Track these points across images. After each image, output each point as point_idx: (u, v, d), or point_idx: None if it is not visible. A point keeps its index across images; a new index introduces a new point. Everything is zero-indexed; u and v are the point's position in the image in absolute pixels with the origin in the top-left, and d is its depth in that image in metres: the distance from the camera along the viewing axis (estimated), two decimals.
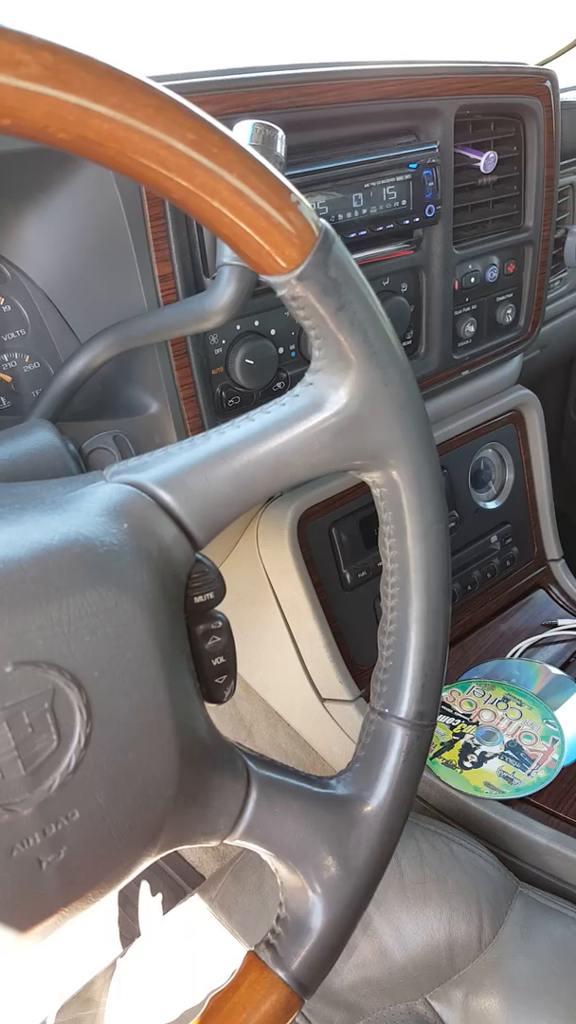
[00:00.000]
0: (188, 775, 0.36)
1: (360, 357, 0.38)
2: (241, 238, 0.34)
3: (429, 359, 0.89)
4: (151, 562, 0.35)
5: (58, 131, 0.28)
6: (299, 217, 0.34)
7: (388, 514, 0.42)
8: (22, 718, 0.30)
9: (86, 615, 0.32)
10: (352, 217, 0.72)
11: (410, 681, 0.43)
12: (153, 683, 0.34)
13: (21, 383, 0.65)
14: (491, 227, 0.92)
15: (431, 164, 0.77)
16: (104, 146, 0.29)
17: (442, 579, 0.43)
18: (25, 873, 0.31)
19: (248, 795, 0.40)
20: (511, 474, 1.10)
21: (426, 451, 0.41)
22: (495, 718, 0.89)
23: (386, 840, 0.43)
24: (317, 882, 0.41)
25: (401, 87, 0.74)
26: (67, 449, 0.49)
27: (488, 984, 0.64)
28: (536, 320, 1.01)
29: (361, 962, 0.66)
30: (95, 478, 0.38)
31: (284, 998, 0.40)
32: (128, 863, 0.35)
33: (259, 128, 0.50)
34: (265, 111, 0.64)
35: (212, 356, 0.68)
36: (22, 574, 0.31)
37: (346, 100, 0.70)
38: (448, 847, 0.71)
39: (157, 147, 0.30)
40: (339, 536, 0.90)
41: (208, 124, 0.31)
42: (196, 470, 0.38)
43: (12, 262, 0.63)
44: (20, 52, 0.26)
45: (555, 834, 0.76)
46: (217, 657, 0.40)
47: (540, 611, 1.09)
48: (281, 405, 0.39)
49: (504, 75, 0.83)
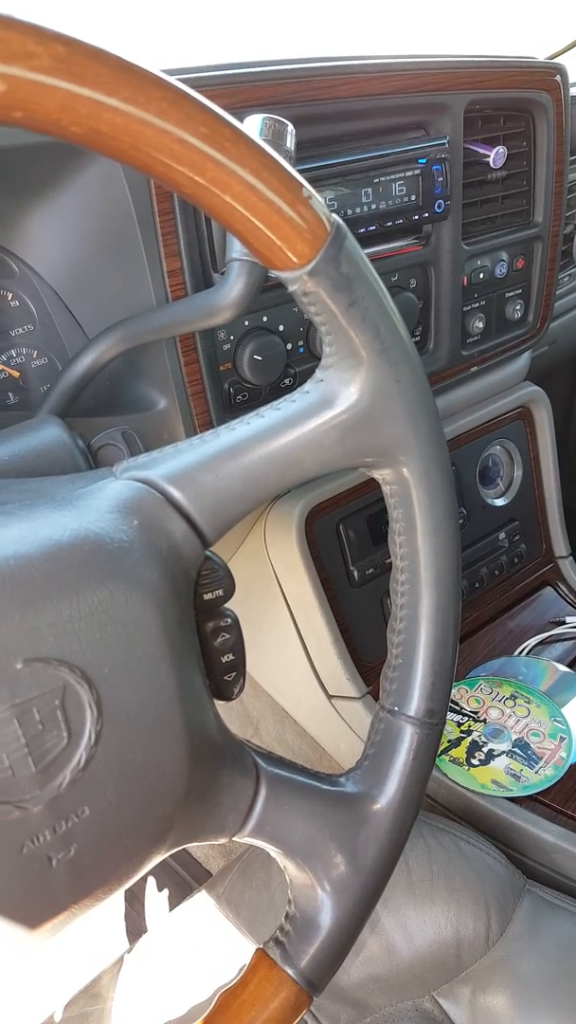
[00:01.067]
0: (198, 772, 0.36)
1: (371, 353, 0.38)
2: (252, 233, 0.34)
3: (438, 355, 0.88)
4: (161, 559, 0.35)
5: (71, 124, 0.28)
6: (311, 212, 0.34)
7: (398, 511, 0.42)
8: (33, 715, 0.30)
9: (96, 612, 0.32)
10: (361, 212, 0.72)
11: (420, 679, 0.43)
12: (163, 680, 0.34)
13: (29, 379, 0.64)
14: (500, 223, 0.91)
15: (440, 159, 0.76)
16: (117, 139, 0.29)
17: (452, 576, 0.43)
18: (35, 870, 0.31)
19: (257, 792, 0.40)
20: (519, 471, 1.10)
21: (437, 448, 0.41)
22: (503, 715, 0.89)
23: (395, 838, 0.43)
24: (326, 880, 0.41)
25: (410, 82, 0.73)
26: (76, 445, 0.49)
27: (495, 982, 0.64)
28: (545, 316, 1.00)
29: (368, 959, 0.66)
30: (105, 474, 0.38)
31: (293, 996, 0.40)
32: (137, 860, 0.35)
33: (269, 122, 0.50)
34: (275, 105, 0.63)
35: (220, 352, 0.68)
36: (33, 571, 0.31)
37: (355, 95, 0.69)
38: (456, 845, 0.71)
39: (170, 141, 0.29)
40: (347, 533, 0.90)
41: (221, 118, 0.31)
42: (206, 466, 0.37)
43: (20, 257, 0.63)
44: (32, 44, 0.26)
45: (563, 832, 0.76)
46: (226, 654, 0.40)
47: (548, 608, 1.09)
48: (291, 402, 0.39)
49: (514, 69, 0.83)
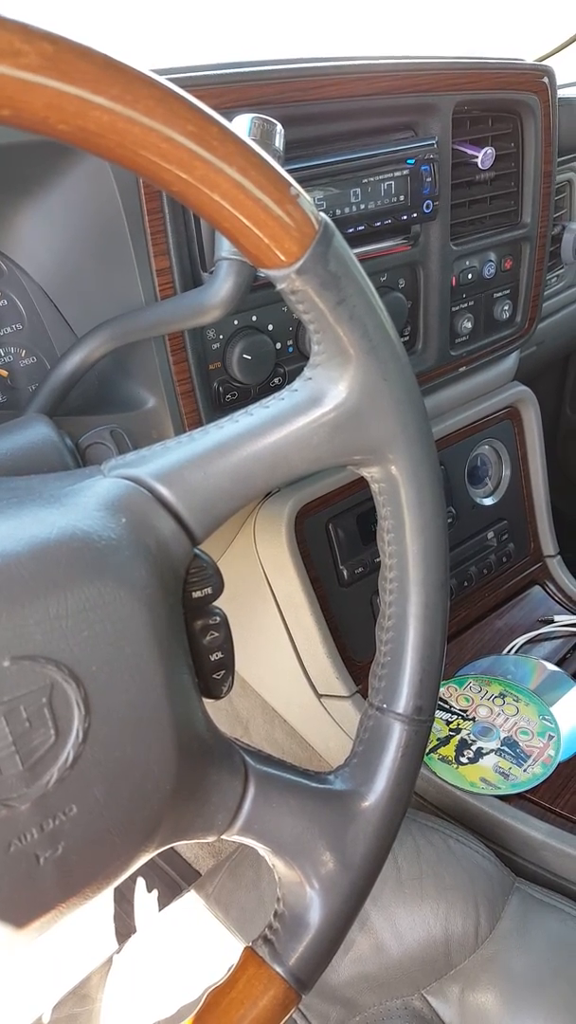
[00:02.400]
0: (186, 770, 0.36)
1: (359, 351, 0.38)
2: (240, 231, 0.34)
3: (426, 355, 0.89)
4: (149, 557, 0.35)
5: (58, 122, 0.28)
6: (299, 211, 0.34)
7: (387, 509, 0.42)
8: (20, 713, 0.30)
9: (84, 609, 0.32)
10: (350, 212, 0.72)
11: (408, 676, 0.43)
12: (151, 678, 0.34)
13: (17, 378, 0.64)
14: (488, 223, 0.91)
15: (429, 160, 0.77)
16: (104, 137, 0.29)
17: (440, 575, 0.43)
18: (23, 869, 0.31)
19: (246, 791, 0.40)
20: (508, 470, 1.11)
21: (425, 446, 0.41)
22: (491, 714, 0.89)
23: (384, 835, 0.43)
24: (315, 877, 0.41)
25: (399, 83, 0.73)
26: (64, 444, 0.48)
27: (484, 979, 0.64)
28: (533, 316, 1.01)
29: (357, 957, 0.66)
30: (93, 472, 0.38)
31: (282, 993, 0.40)
32: (126, 858, 0.35)
33: (258, 122, 0.50)
34: (263, 105, 0.63)
35: (209, 351, 0.68)
36: (20, 568, 0.31)
37: (344, 95, 0.70)
38: (445, 843, 0.71)
39: (157, 139, 0.29)
40: (336, 532, 0.90)
41: (208, 117, 0.31)
42: (194, 464, 0.37)
43: (8, 256, 0.63)
44: (19, 42, 0.26)
45: (551, 829, 0.76)
46: (215, 652, 0.40)
47: (536, 607, 1.10)
48: (280, 400, 0.39)
49: (502, 71, 0.83)
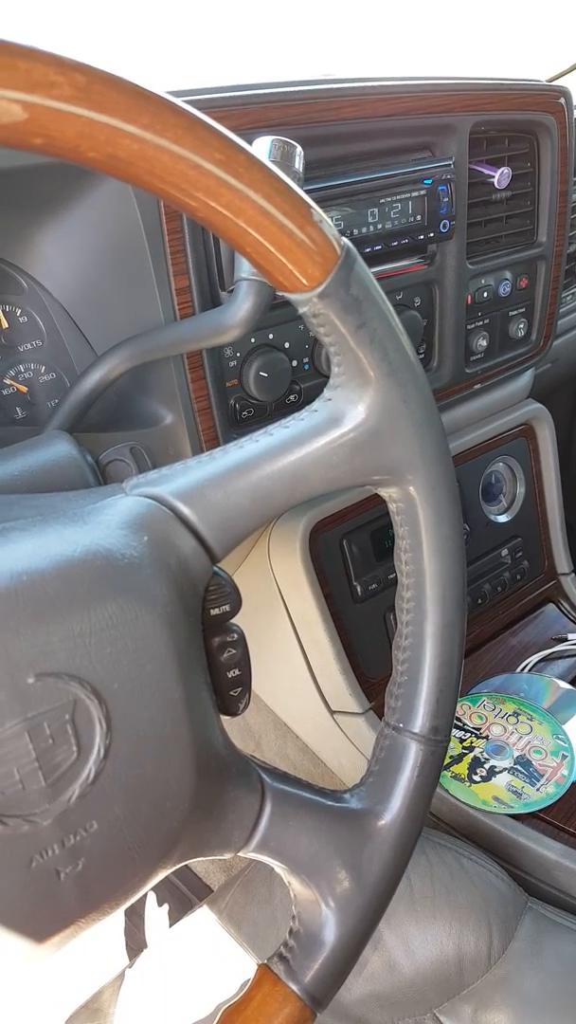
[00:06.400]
0: (204, 788, 0.36)
1: (379, 374, 0.38)
2: (264, 256, 0.34)
3: (441, 373, 0.89)
4: (170, 574, 0.35)
5: (88, 150, 0.28)
6: (322, 236, 0.35)
7: (404, 529, 0.42)
8: (43, 729, 0.31)
9: (107, 627, 0.32)
10: (367, 232, 0.73)
11: (425, 696, 0.43)
12: (171, 696, 0.34)
13: (37, 394, 0.65)
14: (504, 242, 0.92)
15: (446, 180, 0.77)
16: (133, 165, 0.29)
17: (457, 594, 0.43)
18: (43, 884, 0.32)
19: (263, 808, 0.40)
20: (522, 488, 1.11)
21: (443, 467, 0.41)
22: (505, 732, 0.89)
23: (399, 855, 0.43)
24: (330, 896, 0.41)
25: (417, 103, 0.74)
26: (85, 461, 0.49)
27: (497, 999, 0.64)
28: (548, 334, 1.01)
29: (370, 976, 0.66)
30: (115, 490, 0.38)
31: (297, 1012, 0.40)
32: (144, 875, 0.35)
33: (278, 144, 0.50)
34: (282, 126, 0.64)
35: (227, 369, 0.69)
36: (45, 586, 0.31)
37: (362, 116, 0.70)
38: (458, 861, 0.71)
39: (186, 167, 0.30)
40: (350, 548, 0.90)
41: (234, 144, 0.31)
42: (215, 483, 0.38)
43: (30, 273, 0.64)
44: (54, 74, 0.26)
45: (565, 849, 0.76)
46: (232, 669, 0.41)
47: (550, 625, 1.09)
48: (300, 420, 0.40)
49: (519, 92, 0.84)
